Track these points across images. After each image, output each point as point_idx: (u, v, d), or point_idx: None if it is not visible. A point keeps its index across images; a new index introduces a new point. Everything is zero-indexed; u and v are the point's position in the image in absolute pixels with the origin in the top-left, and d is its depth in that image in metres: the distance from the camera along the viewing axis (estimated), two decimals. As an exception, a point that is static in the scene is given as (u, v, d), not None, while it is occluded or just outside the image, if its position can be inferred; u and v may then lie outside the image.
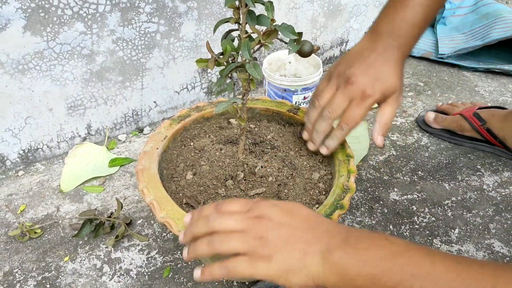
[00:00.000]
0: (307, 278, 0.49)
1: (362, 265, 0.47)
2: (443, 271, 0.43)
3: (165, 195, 0.63)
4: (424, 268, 0.44)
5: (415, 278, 0.43)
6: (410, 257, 0.45)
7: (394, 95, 0.69)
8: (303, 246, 0.50)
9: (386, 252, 0.46)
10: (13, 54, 0.88)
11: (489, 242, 0.88)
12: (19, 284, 0.78)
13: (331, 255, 0.49)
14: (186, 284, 0.78)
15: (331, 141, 0.70)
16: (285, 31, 0.54)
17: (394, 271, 0.44)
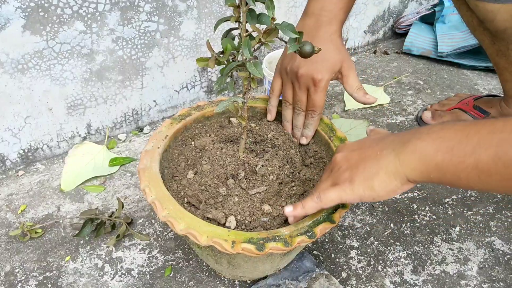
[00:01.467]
0: (387, 177, 0.54)
1: (438, 142, 0.50)
2: (498, 125, 0.47)
3: (167, 194, 0.63)
4: (499, 123, 0.47)
5: (491, 134, 0.47)
6: (483, 123, 0.49)
7: (344, 66, 0.75)
8: (375, 156, 0.56)
9: (460, 127, 0.50)
10: (13, 54, 0.88)
11: (490, 240, 0.88)
12: (21, 284, 0.78)
13: (405, 147, 0.53)
14: (187, 283, 0.78)
15: (308, 130, 0.78)
16: (286, 30, 0.54)
17: (471, 135, 0.48)
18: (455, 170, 0.49)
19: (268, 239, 0.58)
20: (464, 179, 0.50)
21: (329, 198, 0.58)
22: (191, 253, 0.84)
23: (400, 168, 0.53)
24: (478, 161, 0.47)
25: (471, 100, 1.14)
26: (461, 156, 0.49)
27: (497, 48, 0.97)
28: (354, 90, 0.76)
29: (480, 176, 0.48)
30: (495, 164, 0.46)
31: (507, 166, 0.46)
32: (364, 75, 1.47)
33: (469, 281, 0.80)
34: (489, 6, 0.87)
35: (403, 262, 0.84)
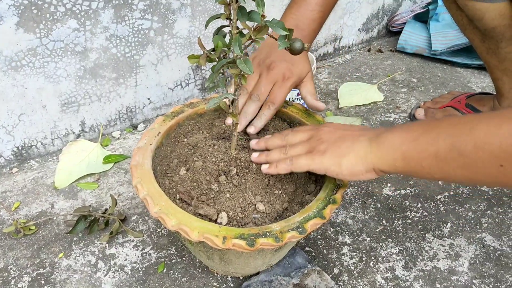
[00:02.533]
0: (355, 160, 0.59)
1: (405, 133, 0.56)
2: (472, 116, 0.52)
3: (159, 190, 0.63)
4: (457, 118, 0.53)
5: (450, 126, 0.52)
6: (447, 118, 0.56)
7: (308, 75, 0.81)
8: (353, 138, 0.61)
9: (427, 121, 0.56)
10: (6, 51, 0.88)
11: (481, 236, 0.89)
12: (14, 280, 0.78)
13: (378, 137, 0.58)
14: (180, 280, 0.79)
15: (259, 120, 0.77)
16: (276, 27, 0.54)
17: (433, 127, 0.53)
18: (418, 158, 0.53)
19: (259, 234, 0.58)
20: (427, 167, 0.53)
21: (299, 164, 0.63)
22: (184, 250, 0.84)
23: (369, 155, 0.58)
24: (438, 150, 0.51)
25: (463, 98, 1.15)
26: (423, 145, 0.53)
27: (487, 46, 0.98)
28: (308, 93, 0.80)
29: (439, 164, 0.52)
30: (451, 152, 0.50)
31: (461, 154, 0.49)
32: (358, 73, 1.48)
33: (460, 276, 0.81)
34: (478, 5, 0.89)
35: (395, 258, 0.84)
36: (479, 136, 0.48)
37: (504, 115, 0.47)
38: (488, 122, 0.48)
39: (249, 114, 0.77)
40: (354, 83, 1.39)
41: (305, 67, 0.81)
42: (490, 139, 0.47)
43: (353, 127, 0.66)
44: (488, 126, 0.47)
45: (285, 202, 0.69)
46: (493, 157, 0.47)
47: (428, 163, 0.53)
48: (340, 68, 1.51)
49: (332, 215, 0.93)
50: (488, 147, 0.47)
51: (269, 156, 0.68)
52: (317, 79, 1.44)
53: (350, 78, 1.45)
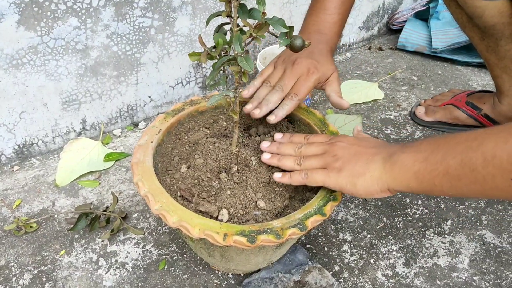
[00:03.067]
0: (370, 180, 0.60)
1: (415, 153, 0.57)
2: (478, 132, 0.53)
3: (160, 187, 0.63)
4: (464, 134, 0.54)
5: (457, 144, 0.53)
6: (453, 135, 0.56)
7: (333, 74, 0.82)
8: (367, 157, 0.61)
9: (434, 140, 0.57)
10: (7, 49, 0.88)
11: (481, 233, 0.89)
12: (15, 277, 0.78)
13: (391, 158, 0.59)
14: (181, 277, 0.79)
15: (281, 110, 0.76)
16: (276, 24, 0.54)
17: (442, 145, 0.55)
18: (430, 177, 0.55)
19: (260, 231, 0.58)
20: (439, 186, 0.55)
21: (314, 179, 0.64)
22: (185, 247, 0.84)
23: (384, 176, 0.59)
24: (448, 168, 0.53)
25: (464, 96, 1.15)
26: (434, 164, 0.54)
27: (487, 44, 0.98)
28: (333, 91, 0.80)
29: (452, 182, 0.53)
30: (462, 169, 0.51)
31: (472, 170, 0.50)
32: (358, 71, 1.48)
33: (460, 273, 0.81)
34: (477, 2, 0.89)
35: (395, 255, 0.84)
36: (487, 151, 0.49)
37: (510, 130, 0.48)
38: (495, 137, 0.49)
39: (271, 102, 0.76)
40: (355, 81, 1.39)
41: (330, 66, 0.81)
42: (499, 153, 0.48)
43: (366, 142, 0.66)
44: (495, 141, 0.48)
45: (286, 199, 0.69)
46: (503, 171, 0.48)
47: (440, 181, 0.54)
48: (341, 66, 1.51)
49: (333, 212, 0.93)
50: (497, 161, 0.48)
51: (282, 161, 0.68)
52: (318, 77, 1.43)
53: (350, 76, 1.45)
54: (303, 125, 0.81)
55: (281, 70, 0.80)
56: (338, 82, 0.82)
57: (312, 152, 0.67)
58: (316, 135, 0.71)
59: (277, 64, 0.82)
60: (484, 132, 0.51)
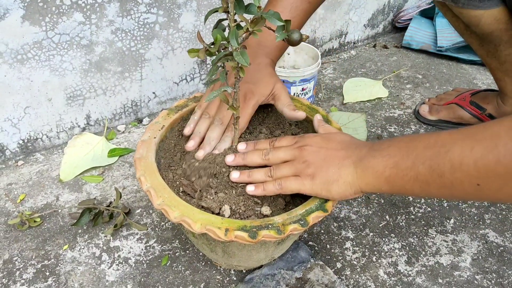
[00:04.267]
0: (344, 186, 0.60)
1: (386, 159, 0.57)
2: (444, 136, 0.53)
3: (162, 183, 0.64)
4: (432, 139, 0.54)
5: (426, 148, 0.53)
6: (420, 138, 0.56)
7: (276, 88, 0.77)
8: (338, 161, 0.62)
9: (403, 143, 0.57)
10: (12, 44, 0.89)
11: (484, 232, 0.89)
12: (19, 271, 0.79)
13: (361, 162, 0.60)
14: (184, 272, 0.79)
15: (223, 143, 0.72)
16: (272, 18, 0.54)
17: (411, 151, 0.55)
18: (401, 182, 0.56)
19: (261, 227, 0.58)
20: (410, 190, 0.56)
21: (289, 187, 0.63)
22: (188, 243, 0.85)
23: (357, 181, 0.60)
24: (418, 174, 0.54)
25: (468, 95, 1.15)
26: (404, 170, 0.55)
27: (486, 49, 0.98)
28: (285, 106, 0.76)
29: (422, 186, 0.54)
30: (430, 175, 0.52)
31: (441, 176, 0.51)
32: (363, 69, 1.47)
33: (463, 272, 0.81)
34: (472, 12, 0.89)
35: (398, 253, 0.84)
36: (454, 158, 0.50)
37: (475, 137, 0.49)
38: (461, 144, 0.50)
39: (213, 139, 0.72)
40: (359, 79, 1.39)
41: (270, 81, 0.77)
42: (465, 160, 0.49)
43: (333, 143, 0.65)
44: (462, 148, 0.49)
45: (287, 195, 0.69)
46: (470, 177, 0.49)
47: (411, 186, 0.55)
48: (345, 64, 1.50)
49: (336, 210, 0.93)
50: (464, 167, 0.49)
51: (252, 176, 0.66)
52: (322, 74, 1.43)
53: (355, 74, 1.44)
54: (306, 122, 0.80)
55: (218, 100, 0.76)
56: (285, 93, 0.78)
57: (280, 157, 0.66)
58: (281, 138, 0.69)
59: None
60: (450, 137, 0.52)
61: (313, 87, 1.20)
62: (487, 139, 0.48)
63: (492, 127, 0.48)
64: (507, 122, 0.47)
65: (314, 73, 1.16)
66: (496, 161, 0.46)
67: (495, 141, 0.47)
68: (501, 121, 0.48)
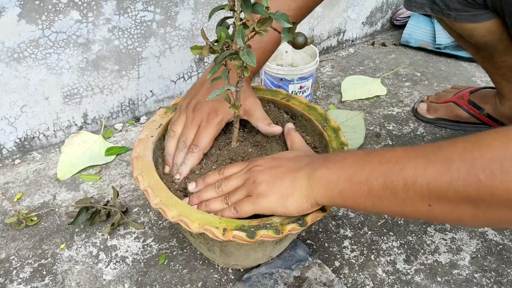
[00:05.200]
0: (300, 199, 0.58)
1: (340, 171, 0.56)
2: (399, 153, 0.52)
3: (159, 182, 0.63)
4: (387, 154, 0.53)
5: (381, 164, 0.52)
6: (376, 153, 0.55)
7: (246, 103, 0.74)
8: (291, 175, 0.60)
9: (358, 157, 0.56)
10: (8, 42, 0.88)
11: (483, 231, 0.89)
12: (16, 271, 0.79)
13: (315, 173, 0.58)
14: (181, 271, 0.79)
15: (183, 167, 0.71)
16: (280, 19, 0.54)
17: (365, 165, 0.54)
18: (354, 196, 0.55)
19: (259, 226, 0.58)
20: (362, 204, 0.55)
21: (244, 210, 0.61)
22: (185, 242, 0.84)
23: (311, 193, 0.58)
24: (371, 189, 0.52)
25: (466, 93, 1.14)
26: (357, 184, 0.54)
27: (482, 56, 0.99)
28: (259, 121, 0.73)
29: (374, 202, 0.53)
30: (383, 191, 0.51)
31: (394, 193, 0.50)
32: (361, 66, 1.47)
33: (461, 270, 0.81)
34: (465, 26, 0.89)
35: (396, 251, 0.84)
36: (408, 176, 0.49)
37: (429, 157, 0.48)
38: (415, 163, 0.49)
39: (179, 164, 0.72)
40: (358, 76, 1.39)
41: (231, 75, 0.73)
42: (419, 180, 0.48)
43: (284, 160, 0.64)
44: (415, 168, 0.48)
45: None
46: (422, 197, 0.48)
47: (363, 201, 0.54)
48: (344, 62, 1.50)
49: (334, 208, 0.93)
50: (417, 187, 0.48)
51: (209, 206, 0.64)
52: (320, 72, 1.43)
53: (353, 71, 1.44)
54: (304, 121, 0.80)
55: (184, 118, 0.74)
56: (258, 107, 0.75)
57: (233, 185, 0.64)
58: (229, 166, 0.67)
59: (181, 110, 0.76)
60: (405, 155, 0.51)
61: (311, 85, 1.19)
62: (440, 161, 0.47)
63: (446, 148, 0.47)
64: (461, 145, 0.46)
65: (312, 71, 1.16)
66: (448, 184, 0.45)
67: (448, 164, 0.46)
68: (455, 143, 0.47)
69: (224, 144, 0.72)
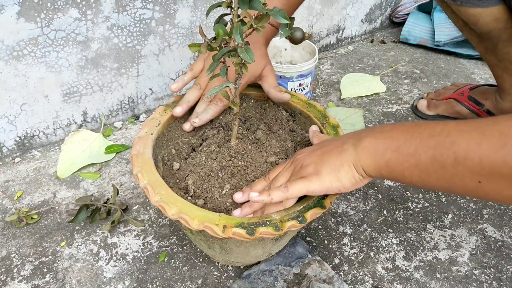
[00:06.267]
0: (350, 170, 0.58)
1: (388, 141, 0.55)
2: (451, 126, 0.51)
3: (159, 179, 0.63)
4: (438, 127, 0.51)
5: (431, 137, 0.51)
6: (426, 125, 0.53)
7: (266, 69, 0.79)
8: (337, 149, 0.59)
9: (407, 128, 0.55)
10: (8, 41, 0.88)
11: (482, 227, 0.89)
12: (17, 268, 0.79)
13: (361, 142, 0.57)
14: (181, 269, 0.79)
15: (205, 113, 0.75)
16: (277, 15, 0.54)
17: (414, 137, 0.53)
18: (401, 168, 0.54)
19: (259, 223, 0.58)
20: (408, 177, 0.54)
21: (296, 188, 0.59)
22: (185, 239, 0.84)
23: (358, 162, 0.57)
24: (419, 162, 0.51)
25: (466, 90, 1.14)
26: (405, 155, 0.53)
27: (485, 46, 0.98)
28: (271, 87, 0.78)
29: (421, 175, 0.52)
30: (432, 165, 0.50)
31: (443, 167, 0.49)
32: (360, 64, 1.47)
33: (461, 267, 0.81)
34: (471, 11, 0.88)
35: (396, 248, 0.84)
36: (459, 151, 0.48)
37: (484, 132, 0.47)
38: (468, 137, 0.48)
39: (189, 101, 0.76)
40: (357, 74, 1.39)
41: (261, 61, 0.78)
42: (471, 155, 0.47)
43: (323, 142, 0.64)
44: (468, 142, 0.47)
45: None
46: (472, 173, 0.47)
47: (410, 173, 0.53)
48: (343, 59, 1.50)
49: (333, 205, 0.93)
50: (468, 162, 0.47)
51: (254, 187, 0.63)
52: (319, 70, 1.43)
53: (352, 69, 1.44)
54: (303, 118, 0.80)
55: (202, 62, 0.78)
56: (273, 75, 0.80)
57: (283, 181, 0.62)
58: (272, 169, 0.66)
59: (207, 63, 0.78)
60: (457, 128, 0.49)
61: (310, 82, 1.19)
62: (495, 136, 0.45)
63: (503, 123, 0.45)
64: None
65: (311, 69, 1.16)
66: (503, 161, 0.44)
67: (504, 140, 0.44)
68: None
69: (224, 142, 0.72)
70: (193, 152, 0.72)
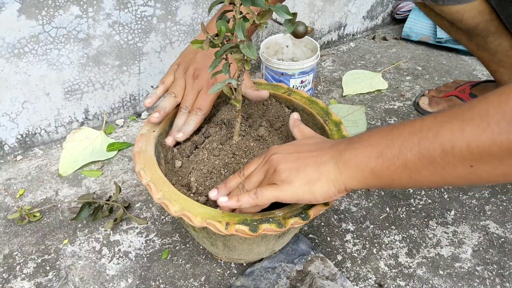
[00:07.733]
0: (327, 184, 0.56)
1: (369, 149, 0.53)
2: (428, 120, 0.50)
3: (162, 176, 0.63)
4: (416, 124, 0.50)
5: (412, 134, 0.50)
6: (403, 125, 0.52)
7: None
8: (315, 160, 0.57)
9: (385, 132, 0.54)
10: (9, 38, 0.88)
11: (485, 224, 0.89)
12: (19, 266, 0.79)
13: (342, 156, 0.56)
14: (184, 266, 0.79)
15: (187, 126, 0.74)
16: (280, 11, 0.54)
17: (395, 138, 0.51)
18: (388, 173, 0.52)
19: (262, 220, 0.58)
20: (397, 180, 0.52)
21: (265, 196, 0.58)
22: (188, 237, 0.84)
23: (340, 177, 0.56)
24: (406, 161, 0.50)
25: (468, 87, 1.14)
26: (390, 159, 0.51)
27: (476, 43, 0.98)
28: (247, 88, 0.77)
29: (411, 175, 0.51)
30: (420, 162, 0.49)
31: (432, 162, 0.48)
32: (362, 61, 1.47)
33: (463, 263, 0.81)
34: (454, 8, 0.89)
35: (398, 245, 0.84)
36: (445, 142, 0.47)
37: (464, 118, 0.46)
38: (450, 126, 0.47)
39: (166, 107, 0.75)
40: (359, 71, 1.38)
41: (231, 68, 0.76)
42: (457, 143, 0.46)
43: (305, 146, 0.61)
44: (451, 131, 0.47)
45: None
46: (463, 159, 0.47)
47: (399, 176, 0.52)
48: (345, 56, 1.50)
49: (336, 202, 0.93)
50: (456, 151, 0.46)
51: (228, 183, 0.63)
52: (321, 67, 1.43)
53: (354, 66, 1.44)
54: (306, 115, 0.80)
55: (182, 80, 0.77)
56: (247, 76, 0.79)
57: (256, 182, 0.61)
58: (247, 165, 0.64)
59: (178, 74, 0.78)
60: (435, 121, 0.49)
61: (312, 79, 1.19)
62: (476, 119, 0.45)
63: (479, 105, 0.45)
64: (494, 98, 0.44)
65: (313, 66, 1.15)
66: (491, 141, 0.44)
67: (486, 120, 0.44)
68: (487, 98, 0.45)
69: (226, 139, 0.72)
70: (196, 149, 0.72)
